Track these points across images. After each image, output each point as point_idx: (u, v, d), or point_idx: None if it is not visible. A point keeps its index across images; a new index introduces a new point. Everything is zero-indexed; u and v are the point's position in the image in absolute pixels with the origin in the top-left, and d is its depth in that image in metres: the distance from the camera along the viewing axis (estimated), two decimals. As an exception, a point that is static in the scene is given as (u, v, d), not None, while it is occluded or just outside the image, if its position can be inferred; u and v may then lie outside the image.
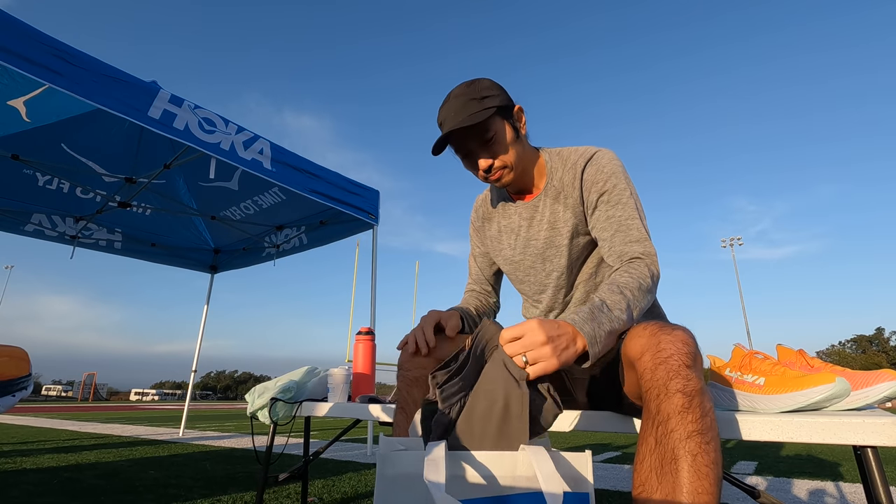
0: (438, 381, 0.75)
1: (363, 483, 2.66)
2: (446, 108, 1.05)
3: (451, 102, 1.05)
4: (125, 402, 50.93)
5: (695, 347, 0.74)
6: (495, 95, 1.05)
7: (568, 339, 0.77)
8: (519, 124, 1.11)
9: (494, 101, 1.04)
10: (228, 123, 3.09)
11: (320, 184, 3.70)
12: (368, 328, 1.78)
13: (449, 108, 1.05)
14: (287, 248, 4.98)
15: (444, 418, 0.73)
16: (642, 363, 0.74)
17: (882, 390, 0.85)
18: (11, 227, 4.17)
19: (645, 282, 0.93)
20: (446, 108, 1.05)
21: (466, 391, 0.76)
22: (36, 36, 2.31)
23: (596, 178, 1.08)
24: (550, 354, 0.74)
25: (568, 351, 0.77)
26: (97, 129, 3.47)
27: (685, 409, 0.67)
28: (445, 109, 1.05)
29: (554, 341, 0.75)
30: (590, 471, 0.74)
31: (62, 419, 9.53)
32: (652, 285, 0.95)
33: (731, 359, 1.03)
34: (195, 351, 5.45)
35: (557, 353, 0.75)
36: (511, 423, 0.71)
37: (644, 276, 0.94)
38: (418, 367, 1.00)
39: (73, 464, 3.34)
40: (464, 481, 0.67)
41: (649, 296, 0.93)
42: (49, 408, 17.89)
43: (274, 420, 1.65)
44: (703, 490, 0.63)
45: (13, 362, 1.59)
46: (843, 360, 48.28)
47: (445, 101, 1.07)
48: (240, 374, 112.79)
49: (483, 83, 1.06)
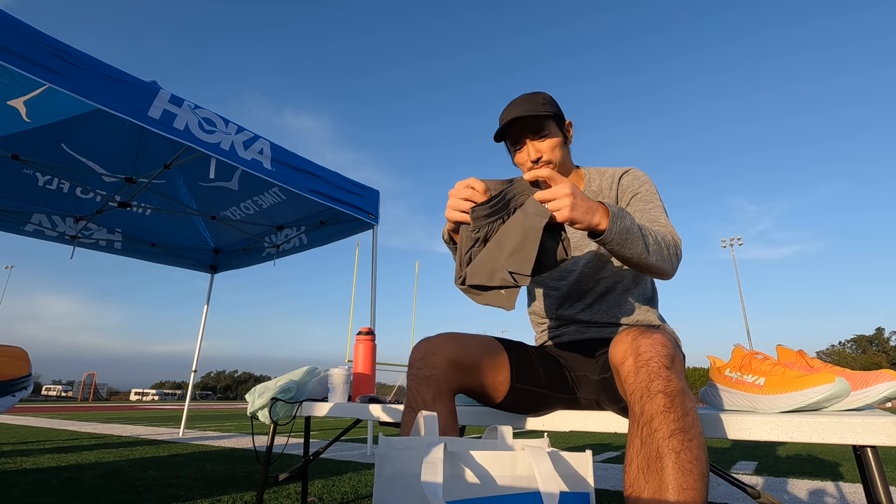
0: (476, 212, 0.90)
1: (363, 483, 2.66)
2: (510, 108, 1.21)
3: (516, 103, 1.21)
4: (125, 402, 50.98)
5: (673, 349, 0.79)
6: (553, 104, 1.22)
7: (591, 206, 0.88)
8: (567, 134, 1.27)
9: (551, 109, 1.20)
10: (228, 123, 3.10)
11: (320, 184, 3.70)
12: (368, 328, 1.78)
13: (513, 107, 1.20)
14: (287, 248, 4.98)
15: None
16: (625, 368, 0.79)
17: (882, 390, 0.85)
18: (11, 227, 4.17)
19: (665, 237, 1.01)
20: (510, 108, 1.21)
21: (494, 220, 0.90)
22: (36, 36, 2.31)
23: (631, 183, 1.24)
24: (568, 205, 0.84)
25: (586, 214, 0.86)
26: (97, 129, 3.47)
27: (667, 408, 0.71)
28: (509, 109, 1.21)
29: (577, 198, 0.85)
30: (590, 471, 0.74)
31: (62, 419, 9.54)
32: (671, 242, 1.02)
33: (731, 359, 1.03)
34: (195, 351, 5.46)
35: (573, 207, 0.85)
36: (524, 250, 0.84)
37: (665, 234, 1.04)
38: (429, 366, 1.00)
39: (73, 464, 3.34)
40: (462, 481, 0.67)
41: (665, 249, 1.00)
42: (49, 408, 17.91)
43: (274, 420, 1.65)
44: (688, 486, 0.66)
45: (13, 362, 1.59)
46: (842, 360, 48.30)
47: (509, 104, 1.23)
48: (240, 374, 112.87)
49: (544, 95, 1.23)
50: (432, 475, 0.62)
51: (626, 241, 0.91)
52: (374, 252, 4.30)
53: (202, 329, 5.61)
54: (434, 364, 1.00)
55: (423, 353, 1.02)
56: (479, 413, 1.22)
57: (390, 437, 0.72)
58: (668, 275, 1.04)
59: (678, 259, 1.06)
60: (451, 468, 0.66)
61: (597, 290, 1.23)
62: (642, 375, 0.75)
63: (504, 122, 1.19)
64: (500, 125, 1.21)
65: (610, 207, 0.90)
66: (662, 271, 1.01)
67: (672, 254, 1.02)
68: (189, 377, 5.57)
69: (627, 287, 1.23)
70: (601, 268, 1.23)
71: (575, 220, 0.86)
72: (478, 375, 1.04)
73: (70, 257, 4.67)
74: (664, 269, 1.00)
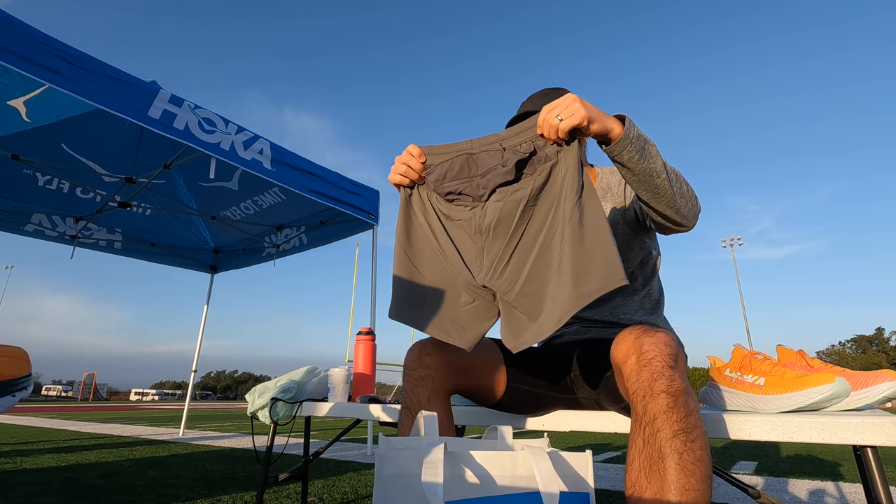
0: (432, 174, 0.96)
1: (363, 483, 2.66)
2: (528, 102, 1.23)
3: (534, 98, 1.23)
4: (125, 402, 50.95)
5: (676, 349, 0.78)
6: None
7: (601, 112, 0.86)
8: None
9: None
10: (228, 123, 3.10)
11: (320, 184, 3.70)
12: (369, 328, 1.78)
13: (531, 101, 1.23)
14: (287, 248, 4.98)
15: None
16: (627, 366, 0.77)
17: (882, 390, 0.85)
18: (11, 227, 4.17)
19: (683, 179, 0.97)
20: (528, 102, 1.23)
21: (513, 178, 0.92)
22: (36, 36, 2.31)
23: None
24: (580, 107, 0.83)
25: (600, 115, 0.85)
26: (97, 129, 3.47)
27: (670, 408, 0.70)
28: (527, 103, 1.23)
29: (585, 103, 0.85)
30: (590, 471, 0.74)
31: (62, 419, 9.53)
32: (690, 188, 0.98)
33: (731, 359, 1.03)
34: (195, 351, 5.45)
35: (586, 107, 0.84)
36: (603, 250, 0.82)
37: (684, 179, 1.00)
38: (424, 367, 1.00)
39: (73, 464, 3.34)
40: (462, 481, 0.67)
41: (685, 185, 0.97)
42: (49, 408, 17.90)
43: (274, 420, 1.65)
44: (691, 487, 0.65)
45: (13, 362, 1.59)
46: (842, 360, 48.27)
47: (528, 98, 1.25)
48: (240, 374, 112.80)
49: (563, 91, 1.22)
50: (432, 475, 0.62)
51: (645, 152, 0.87)
52: (375, 252, 4.29)
53: (202, 329, 5.61)
54: (428, 364, 1.00)
55: (417, 354, 1.03)
56: (479, 413, 1.21)
57: (390, 437, 0.72)
58: (688, 220, 0.98)
59: (698, 206, 1.00)
60: (451, 468, 0.66)
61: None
62: (645, 375, 0.74)
63: (519, 113, 1.19)
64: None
65: (622, 119, 0.87)
66: (681, 213, 0.95)
67: (693, 197, 0.98)
68: (189, 377, 5.57)
69: (636, 288, 1.20)
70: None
71: (592, 118, 0.83)
72: (473, 376, 1.04)
73: (70, 257, 4.68)
74: (683, 208, 0.95)
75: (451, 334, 0.95)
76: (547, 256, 0.89)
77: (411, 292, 1.00)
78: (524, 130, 0.91)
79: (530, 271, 0.90)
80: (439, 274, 0.99)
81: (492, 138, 0.93)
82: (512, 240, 0.93)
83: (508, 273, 0.92)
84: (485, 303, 0.96)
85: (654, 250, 1.22)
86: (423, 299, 0.99)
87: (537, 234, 0.91)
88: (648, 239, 1.20)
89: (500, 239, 0.94)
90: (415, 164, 0.99)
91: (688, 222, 0.99)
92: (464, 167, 0.95)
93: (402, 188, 1.03)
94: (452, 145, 0.97)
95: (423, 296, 0.99)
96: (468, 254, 0.97)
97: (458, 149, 0.96)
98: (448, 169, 0.96)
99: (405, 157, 1.00)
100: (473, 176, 0.94)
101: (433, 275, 0.99)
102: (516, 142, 0.91)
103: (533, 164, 0.91)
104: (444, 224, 1.00)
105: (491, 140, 0.93)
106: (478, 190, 0.94)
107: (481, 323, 0.95)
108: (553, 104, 0.86)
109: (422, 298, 0.99)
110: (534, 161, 0.91)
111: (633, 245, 1.18)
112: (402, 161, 1.01)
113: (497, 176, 0.92)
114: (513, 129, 0.92)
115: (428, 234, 1.01)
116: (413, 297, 1.00)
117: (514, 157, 0.90)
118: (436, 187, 0.99)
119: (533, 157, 0.90)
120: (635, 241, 1.18)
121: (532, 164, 0.91)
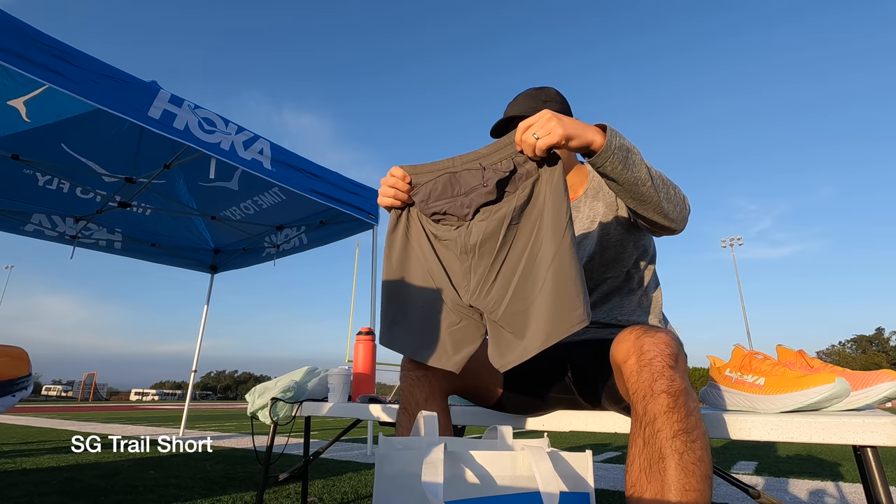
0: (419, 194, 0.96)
1: (363, 483, 2.66)
2: (513, 103, 1.22)
3: (518, 99, 1.21)
4: (125, 402, 50.93)
5: (677, 349, 0.77)
6: (556, 102, 1.20)
7: (581, 123, 0.85)
8: None
9: (554, 107, 1.18)
10: (228, 123, 3.09)
11: (320, 184, 3.70)
12: (369, 328, 1.78)
13: (515, 103, 1.21)
14: (287, 248, 4.98)
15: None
16: (628, 366, 0.77)
17: (882, 390, 0.85)
18: (11, 227, 4.16)
19: (670, 181, 0.96)
20: (513, 103, 1.22)
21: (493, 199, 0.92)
22: (36, 36, 2.31)
23: None
24: (557, 126, 0.82)
25: (578, 128, 0.84)
26: (97, 129, 3.46)
27: (670, 408, 0.70)
28: (511, 105, 1.22)
29: (562, 119, 0.83)
30: (590, 471, 0.74)
31: (62, 419, 9.53)
32: (679, 191, 0.98)
33: (731, 359, 1.03)
34: (195, 351, 5.44)
35: (563, 125, 0.82)
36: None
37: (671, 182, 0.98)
38: (421, 367, 1.00)
39: (73, 464, 3.34)
40: (462, 481, 0.67)
41: (673, 190, 0.96)
42: (49, 408, 17.89)
43: (274, 420, 1.65)
44: (691, 487, 0.65)
45: (13, 362, 1.59)
46: (842, 360, 48.29)
47: (513, 100, 1.23)
48: (240, 374, 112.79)
49: (549, 91, 1.22)
50: (433, 475, 0.62)
51: (629, 161, 0.86)
52: (375, 252, 4.30)
53: (202, 329, 5.60)
54: (425, 365, 1.00)
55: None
56: (479, 413, 1.21)
57: (390, 437, 0.73)
58: (677, 223, 0.98)
59: (687, 209, 1.00)
60: (451, 468, 0.66)
61: (601, 291, 1.19)
62: (645, 374, 0.73)
63: (505, 117, 1.18)
64: (501, 119, 1.20)
65: (605, 128, 0.86)
66: (669, 217, 0.95)
67: (681, 200, 0.97)
68: (189, 377, 5.56)
69: (633, 288, 1.19)
70: (607, 268, 1.19)
71: (570, 135, 0.82)
72: (471, 377, 1.04)
73: (70, 257, 4.67)
74: (671, 213, 0.95)
75: (441, 359, 0.95)
76: (533, 274, 0.88)
77: (402, 316, 1.01)
78: (503, 147, 0.91)
79: (516, 289, 0.89)
80: (428, 296, 0.99)
81: (472, 156, 0.93)
82: (497, 258, 0.92)
83: (495, 292, 0.92)
84: (472, 323, 0.96)
85: (649, 249, 1.21)
86: (414, 324, 0.99)
87: (522, 251, 0.91)
88: (643, 237, 1.19)
89: (485, 258, 0.93)
90: (402, 185, 0.99)
91: (677, 226, 1.00)
92: (447, 187, 0.95)
93: (393, 210, 1.03)
94: (434, 164, 0.98)
95: (414, 320, 0.99)
96: (455, 274, 0.98)
97: (440, 167, 0.96)
98: (432, 189, 0.96)
99: (391, 180, 1.00)
100: (457, 195, 0.94)
101: (423, 298, 1.00)
102: (496, 159, 0.91)
103: (514, 181, 0.91)
104: (433, 244, 1.00)
105: (472, 158, 0.93)
106: (462, 209, 0.94)
107: (469, 344, 0.96)
108: (529, 121, 0.85)
109: (412, 323, 1.00)
110: (515, 179, 0.91)
111: (627, 245, 1.17)
112: (389, 184, 1.00)
113: (479, 196, 0.92)
114: (492, 146, 0.92)
115: (418, 256, 1.01)
116: (404, 321, 1.00)
117: (495, 176, 0.90)
118: (422, 208, 0.99)
119: (514, 175, 0.90)
120: (629, 240, 1.17)
121: (514, 182, 0.91)
